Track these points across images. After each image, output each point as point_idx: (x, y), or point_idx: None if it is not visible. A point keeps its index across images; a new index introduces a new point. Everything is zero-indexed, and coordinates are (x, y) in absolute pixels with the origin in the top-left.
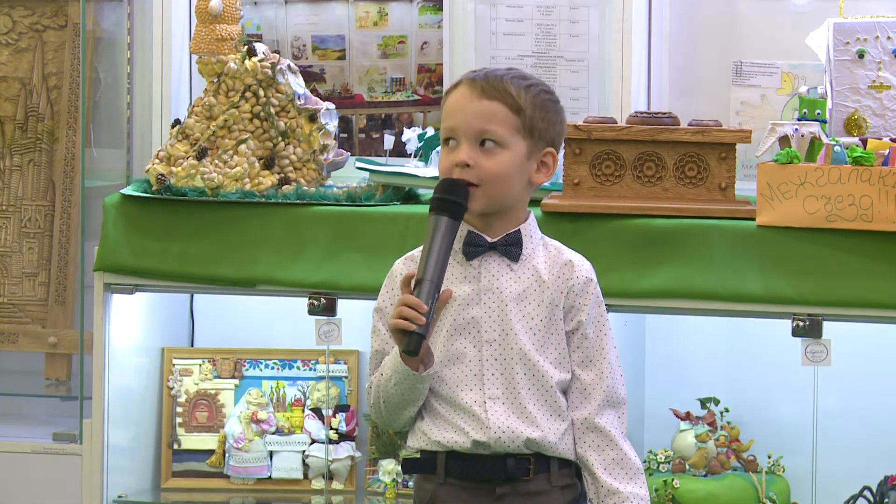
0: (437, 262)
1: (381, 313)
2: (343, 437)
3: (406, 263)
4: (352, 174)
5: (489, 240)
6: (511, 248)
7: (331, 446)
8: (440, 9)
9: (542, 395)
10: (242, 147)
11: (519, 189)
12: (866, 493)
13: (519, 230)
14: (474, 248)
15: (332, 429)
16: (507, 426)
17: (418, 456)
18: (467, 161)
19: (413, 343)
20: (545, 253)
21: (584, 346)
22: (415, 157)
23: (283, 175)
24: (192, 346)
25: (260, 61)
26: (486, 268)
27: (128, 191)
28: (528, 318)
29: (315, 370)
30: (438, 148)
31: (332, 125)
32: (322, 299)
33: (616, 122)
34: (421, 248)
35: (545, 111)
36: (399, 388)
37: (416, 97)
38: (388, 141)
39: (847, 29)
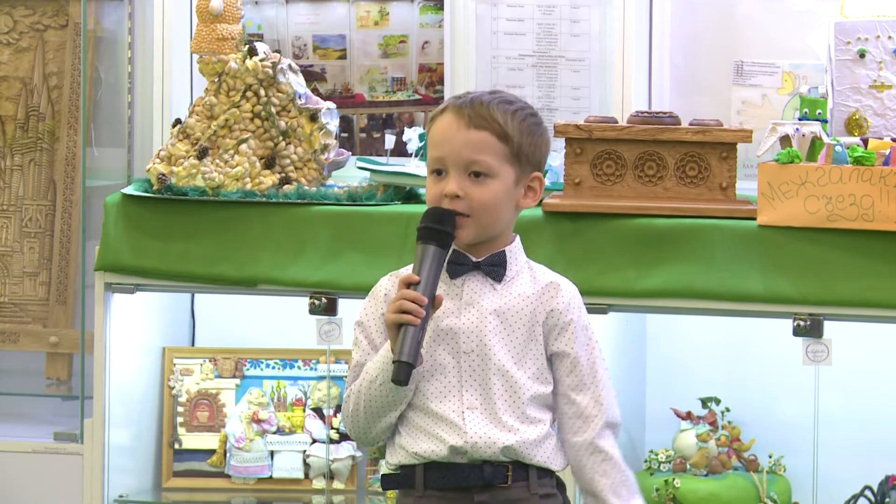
0: (427, 284)
1: (363, 327)
2: (344, 436)
3: (391, 280)
4: (353, 174)
5: (474, 259)
6: (495, 269)
7: (332, 446)
8: (441, 8)
9: (518, 407)
10: (243, 147)
11: (507, 216)
12: (867, 492)
13: (504, 251)
14: (458, 267)
15: (332, 428)
16: (483, 432)
17: (398, 472)
18: (457, 192)
19: (403, 372)
20: (530, 275)
21: (577, 372)
22: (416, 156)
23: (283, 175)
24: (192, 345)
25: (261, 61)
26: (470, 286)
27: (129, 190)
28: (507, 331)
29: (316, 370)
30: None
31: (333, 125)
32: (323, 299)
33: (617, 122)
34: (410, 266)
35: (531, 136)
36: (384, 388)
37: (417, 97)
38: (389, 140)
39: (848, 28)
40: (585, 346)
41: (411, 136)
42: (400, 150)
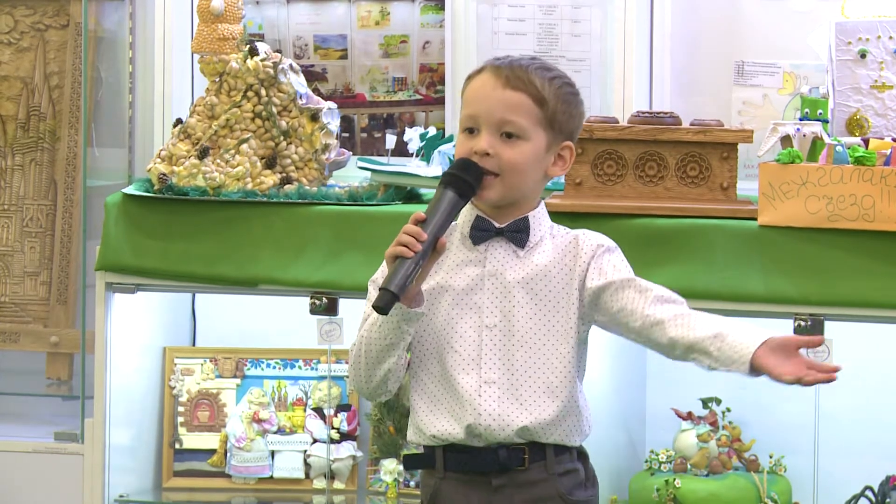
0: (434, 224)
1: (375, 284)
2: (344, 436)
3: None
4: (353, 174)
5: (497, 225)
6: (518, 235)
7: (332, 446)
8: (442, 8)
9: (540, 377)
10: (244, 146)
11: (535, 181)
12: (868, 493)
13: (527, 217)
14: (481, 233)
15: (333, 428)
16: (497, 413)
17: (419, 451)
18: (487, 150)
19: (384, 300)
20: (552, 240)
21: (629, 290)
22: (416, 156)
23: (284, 174)
24: (193, 345)
25: (262, 61)
26: (493, 253)
27: (129, 190)
28: (533, 301)
29: (316, 370)
30: (440, 148)
31: (334, 124)
32: (324, 299)
33: (618, 122)
34: None
35: (567, 104)
36: (383, 329)
37: (418, 97)
38: (390, 140)
39: (849, 28)
40: (624, 268)
41: (412, 136)
42: (401, 150)
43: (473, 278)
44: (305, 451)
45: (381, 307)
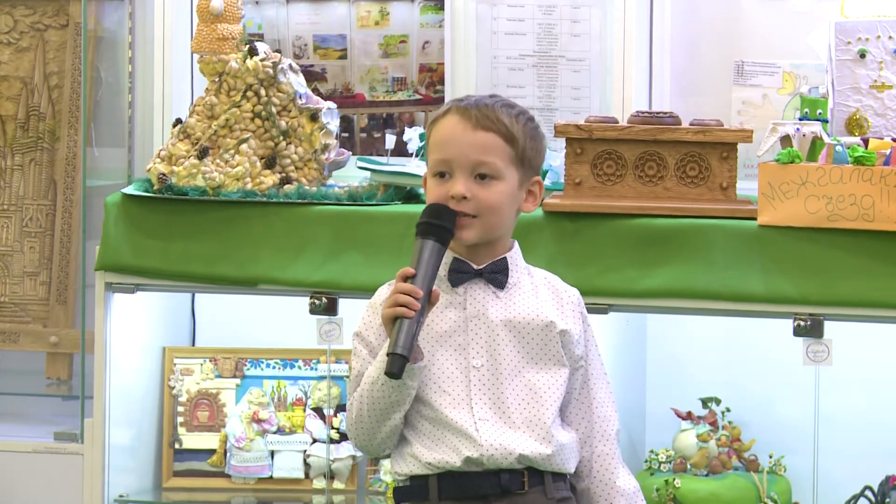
0: (424, 278)
1: (361, 337)
2: (344, 436)
3: (389, 290)
4: (353, 173)
5: (475, 267)
6: (497, 276)
7: (332, 446)
8: (441, 8)
9: (534, 414)
10: (244, 146)
11: (510, 219)
12: (868, 492)
13: (505, 258)
14: (460, 275)
15: (333, 428)
16: (499, 443)
17: (408, 483)
18: (465, 194)
19: (396, 365)
20: (531, 282)
21: (583, 390)
22: (416, 156)
23: (284, 174)
24: (193, 345)
25: (261, 60)
26: (472, 294)
27: (129, 190)
28: (516, 341)
29: (316, 370)
30: None
31: (334, 124)
32: (323, 299)
33: (617, 122)
34: None
35: (534, 140)
36: (385, 388)
37: (418, 96)
38: (390, 140)
39: (848, 28)
40: (592, 360)
41: (412, 135)
42: (400, 150)
43: (455, 320)
44: (305, 451)
45: (396, 373)
